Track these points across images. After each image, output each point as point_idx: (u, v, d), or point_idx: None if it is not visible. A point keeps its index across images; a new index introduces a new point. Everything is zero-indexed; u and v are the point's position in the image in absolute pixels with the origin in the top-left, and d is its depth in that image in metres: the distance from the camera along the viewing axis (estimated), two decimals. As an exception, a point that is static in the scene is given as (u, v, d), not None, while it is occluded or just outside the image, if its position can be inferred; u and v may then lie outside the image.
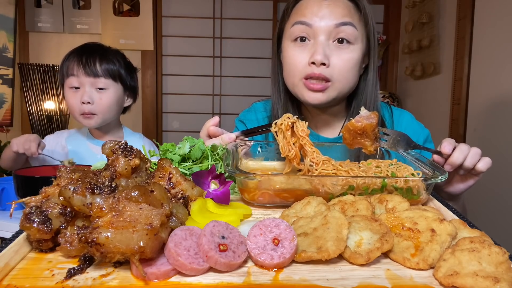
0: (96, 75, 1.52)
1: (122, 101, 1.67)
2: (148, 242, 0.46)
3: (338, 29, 1.00)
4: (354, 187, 0.71)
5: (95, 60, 1.53)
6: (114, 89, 1.58)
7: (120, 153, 0.61)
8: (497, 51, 2.19)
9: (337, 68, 1.01)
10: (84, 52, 1.55)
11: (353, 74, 1.05)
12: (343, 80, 1.03)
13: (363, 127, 0.84)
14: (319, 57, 0.98)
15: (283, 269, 0.51)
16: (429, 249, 0.52)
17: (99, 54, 1.55)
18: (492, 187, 2.18)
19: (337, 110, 1.17)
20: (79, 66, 1.51)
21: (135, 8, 3.49)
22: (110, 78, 1.56)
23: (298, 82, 1.05)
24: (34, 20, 3.40)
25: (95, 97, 1.54)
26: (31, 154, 1.46)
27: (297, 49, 1.04)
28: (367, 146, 0.87)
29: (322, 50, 0.99)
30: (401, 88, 3.48)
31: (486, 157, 0.87)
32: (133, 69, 1.73)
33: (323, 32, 1.01)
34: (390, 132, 0.91)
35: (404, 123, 1.20)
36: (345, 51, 1.02)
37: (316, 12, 1.01)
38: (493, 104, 2.21)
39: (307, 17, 1.02)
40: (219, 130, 0.99)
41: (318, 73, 1.00)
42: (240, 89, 3.74)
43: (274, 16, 3.65)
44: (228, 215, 0.64)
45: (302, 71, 1.03)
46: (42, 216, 0.52)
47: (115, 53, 1.63)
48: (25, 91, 3.20)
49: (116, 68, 1.58)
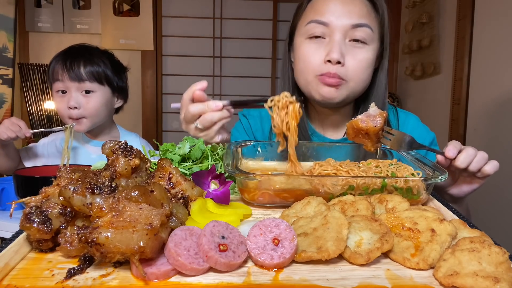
0: (81, 79, 1.50)
1: (111, 103, 1.63)
2: (148, 242, 0.46)
3: (354, 30, 0.99)
4: (354, 187, 0.71)
5: (79, 64, 1.50)
6: (101, 92, 1.55)
7: (120, 153, 0.61)
8: (497, 51, 2.19)
9: (352, 68, 1.00)
10: (68, 56, 1.52)
11: (367, 74, 1.04)
12: (357, 80, 1.02)
13: (366, 129, 0.84)
14: (335, 56, 0.97)
15: (283, 269, 0.51)
16: (429, 249, 0.52)
17: (83, 57, 1.52)
18: (492, 187, 2.18)
19: (345, 111, 1.15)
20: (64, 70, 1.49)
21: (135, 8, 3.49)
22: (96, 82, 1.53)
23: (312, 79, 1.03)
24: (34, 20, 3.40)
25: (82, 101, 1.51)
26: (23, 135, 1.43)
27: (312, 46, 1.02)
28: (368, 145, 0.87)
29: (339, 48, 0.98)
30: (401, 88, 3.48)
31: (494, 161, 0.85)
32: (122, 69, 1.69)
33: (340, 31, 0.99)
34: (395, 132, 0.91)
35: (409, 125, 1.18)
36: (361, 51, 1.01)
37: (333, 10, 1.00)
38: (493, 104, 2.21)
39: (323, 15, 1.00)
40: (205, 96, 0.93)
41: (333, 72, 0.99)
42: (240, 89, 3.74)
43: (274, 16, 3.65)
44: (228, 215, 0.64)
45: (317, 69, 1.01)
46: (42, 216, 0.52)
47: (101, 55, 1.59)
48: (25, 91, 3.20)
49: (101, 71, 1.55)
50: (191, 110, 0.92)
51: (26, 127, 1.45)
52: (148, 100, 3.63)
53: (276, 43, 3.69)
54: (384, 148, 0.94)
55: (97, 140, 1.67)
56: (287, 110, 0.83)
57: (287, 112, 0.83)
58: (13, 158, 1.55)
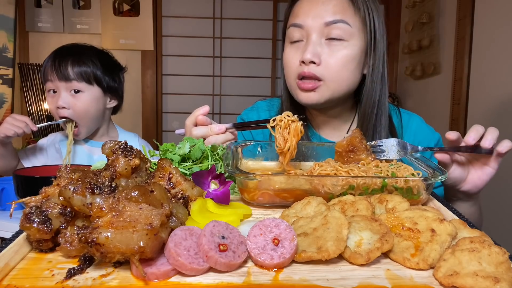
0: (68, 79, 1.49)
1: (102, 103, 1.61)
2: (148, 242, 0.46)
3: (329, 27, 0.99)
4: (354, 187, 0.71)
5: (67, 63, 1.50)
6: (90, 92, 1.54)
7: (120, 153, 0.61)
8: (497, 51, 2.19)
9: (329, 66, 0.99)
10: (57, 55, 1.52)
11: (349, 71, 1.01)
12: (337, 78, 1.00)
13: (349, 142, 0.84)
14: (307, 56, 0.98)
15: (283, 269, 0.50)
16: (429, 249, 0.52)
17: (72, 56, 1.52)
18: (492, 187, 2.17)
19: (339, 111, 1.13)
20: (53, 70, 1.49)
21: (135, 8, 3.49)
22: (84, 81, 1.52)
23: (292, 83, 1.05)
24: (34, 20, 3.40)
25: (70, 101, 1.51)
26: (30, 130, 1.43)
27: (292, 50, 1.04)
28: (364, 160, 0.85)
29: (312, 48, 0.98)
30: (401, 88, 3.48)
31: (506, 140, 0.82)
32: (115, 70, 1.66)
33: (314, 31, 1.00)
34: (380, 143, 0.89)
35: (413, 127, 1.15)
36: (338, 48, 0.99)
37: (307, 12, 1.00)
38: (493, 104, 2.21)
39: (299, 18, 1.02)
40: (208, 120, 0.95)
41: (307, 71, 0.99)
42: (240, 89, 3.74)
43: (274, 16, 3.65)
44: (228, 215, 0.64)
45: (295, 71, 1.02)
46: (42, 216, 0.52)
47: (92, 54, 1.57)
48: (25, 91, 3.20)
49: (90, 70, 1.53)
50: (195, 134, 0.93)
51: (31, 122, 1.45)
52: (148, 100, 3.63)
53: (276, 43, 3.69)
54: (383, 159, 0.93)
55: (94, 140, 1.67)
56: (289, 130, 0.84)
57: (289, 132, 0.83)
58: (11, 158, 1.54)
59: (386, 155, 0.89)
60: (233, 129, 0.96)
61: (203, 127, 0.94)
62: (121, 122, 1.83)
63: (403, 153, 0.88)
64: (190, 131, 0.95)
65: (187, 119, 0.97)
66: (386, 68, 1.07)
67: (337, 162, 0.84)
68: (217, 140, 0.93)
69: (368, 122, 1.07)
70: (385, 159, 0.89)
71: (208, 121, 0.95)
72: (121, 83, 1.68)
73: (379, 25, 1.03)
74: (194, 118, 0.95)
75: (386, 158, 0.89)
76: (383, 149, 0.90)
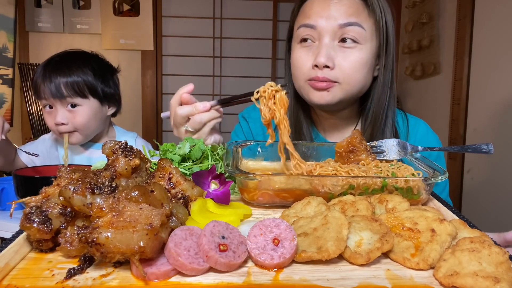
0: (62, 96, 1.45)
1: (101, 112, 1.57)
2: (148, 242, 0.46)
3: (343, 30, 0.96)
4: (354, 187, 0.71)
5: (58, 80, 1.44)
6: (87, 105, 1.50)
7: (120, 153, 0.61)
8: (497, 51, 2.19)
9: (343, 70, 0.97)
10: (46, 71, 1.47)
11: (362, 75, 0.99)
12: (350, 81, 0.98)
13: (349, 142, 0.84)
14: (321, 60, 0.95)
15: (283, 269, 0.51)
16: (429, 249, 0.52)
17: (61, 72, 1.46)
18: (492, 187, 2.18)
19: (347, 114, 1.12)
20: (44, 87, 1.45)
21: (135, 8, 3.49)
22: (79, 96, 1.47)
23: (303, 84, 1.02)
24: (34, 20, 3.40)
25: (69, 116, 1.47)
26: None
27: (303, 51, 1.01)
28: (364, 160, 0.85)
29: (326, 52, 0.96)
30: (401, 88, 3.48)
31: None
32: (108, 73, 1.60)
33: (327, 33, 0.97)
34: (380, 143, 0.89)
35: (419, 133, 1.14)
36: (352, 51, 0.97)
37: (320, 12, 0.98)
38: (493, 104, 2.21)
39: (311, 18, 0.99)
40: (193, 98, 0.94)
41: (321, 76, 0.96)
42: (240, 89, 3.72)
43: (274, 16, 3.65)
44: (228, 215, 0.64)
45: (306, 74, 1.00)
46: (42, 216, 0.52)
47: (81, 63, 1.51)
48: (25, 91, 3.20)
49: (81, 82, 1.47)
50: (179, 113, 0.92)
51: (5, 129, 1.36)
52: (148, 100, 3.63)
53: (276, 43, 3.69)
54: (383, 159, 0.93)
55: (92, 142, 1.66)
56: (274, 100, 0.83)
57: (275, 102, 0.83)
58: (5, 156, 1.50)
59: (386, 155, 0.89)
60: (218, 106, 0.94)
61: (188, 106, 0.92)
62: (121, 122, 1.82)
63: (403, 153, 0.88)
64: (175, 111, 0.93)
65: (171, 99, 0.95)
66: (395, 70, 1.06)
67: (337, 163, 0.84)
68: (202, 119, 0.92)
69: (377, 124, 1.05)
70: (385, 159, 0.88)
71: (193, 99, 0.94)
72: (116, 86, 1.63)
73: (392, 28, 1.02)
74: (179, 97, 0.94)
75: (386, 158, 0.89)
76: (383, 149, 0.90)
